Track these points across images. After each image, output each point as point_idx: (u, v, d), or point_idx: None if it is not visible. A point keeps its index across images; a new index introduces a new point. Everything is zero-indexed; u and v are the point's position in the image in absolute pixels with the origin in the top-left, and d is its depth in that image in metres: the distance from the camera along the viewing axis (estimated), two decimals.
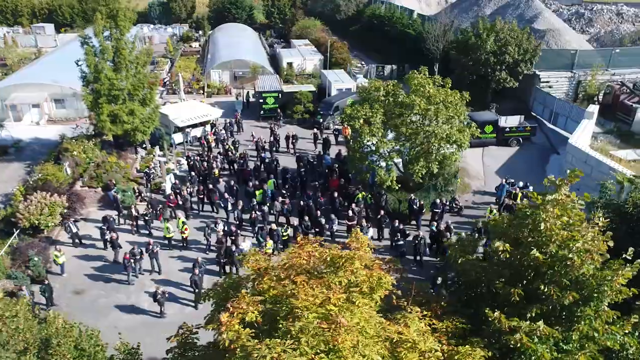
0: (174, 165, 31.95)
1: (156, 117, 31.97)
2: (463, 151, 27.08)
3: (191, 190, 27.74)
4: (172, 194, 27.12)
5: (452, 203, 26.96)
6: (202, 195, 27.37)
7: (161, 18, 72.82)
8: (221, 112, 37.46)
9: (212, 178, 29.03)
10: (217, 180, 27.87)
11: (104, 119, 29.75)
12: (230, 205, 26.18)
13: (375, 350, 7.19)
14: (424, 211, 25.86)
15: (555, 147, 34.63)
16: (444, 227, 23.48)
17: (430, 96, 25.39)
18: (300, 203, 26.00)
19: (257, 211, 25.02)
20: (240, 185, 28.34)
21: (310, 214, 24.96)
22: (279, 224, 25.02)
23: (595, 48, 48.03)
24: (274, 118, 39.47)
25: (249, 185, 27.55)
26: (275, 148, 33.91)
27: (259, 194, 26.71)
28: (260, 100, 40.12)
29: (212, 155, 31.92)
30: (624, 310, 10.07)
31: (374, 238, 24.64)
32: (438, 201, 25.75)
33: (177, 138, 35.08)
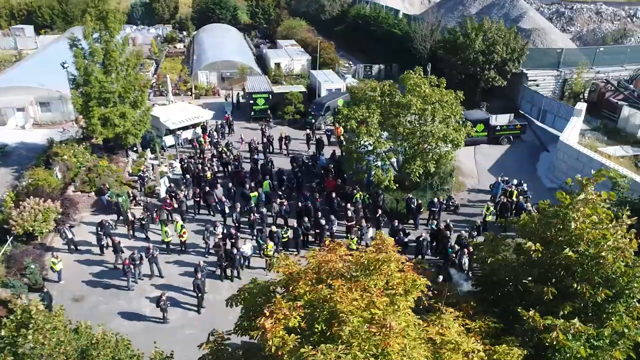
0: (167, 168, 31.59)
1: (147, 120, 31.57)
2: (456, 150, 27.38)
3: (186, 193, 27.48)
4: (168, 197, 26.79)
5: (449, 201, 27.19)
6: (199, 199, 27.11)
7: (144, 19, 71.84)
8: (212, 114, 37.14)
9: (207, 181, 28.79)
10: (215, 185, 27.60)
11: (95, 122, 29.27)
12: (227, 208, 25.99)
13: (420, 353, 7.21)
14: (422, 210, 26.03)
15: (544, 145, 35.18)
16: (444, 226, 23.67)
17: (426, 96, 25.59)
18: (299, 204, 25.93)
19: (256, 213, 24.90)
20: (236, 188, 28.13)
21: (310, 214, 24.92)
22: (278, 225, 24.92)
23: (578, 47, 48.93)
24: (264, 119, 39.31)
25: (245, 187, 27.40)
26: (268, 149, 33.78)
27: (254, 196, 26.56)
28: (251, 102, 39.90)
29: (207, 158, 31.64)
30: None
31: (373, 238, 24.63)
32: (436, 200, 25.95)
33: (168, 140, 34.69)
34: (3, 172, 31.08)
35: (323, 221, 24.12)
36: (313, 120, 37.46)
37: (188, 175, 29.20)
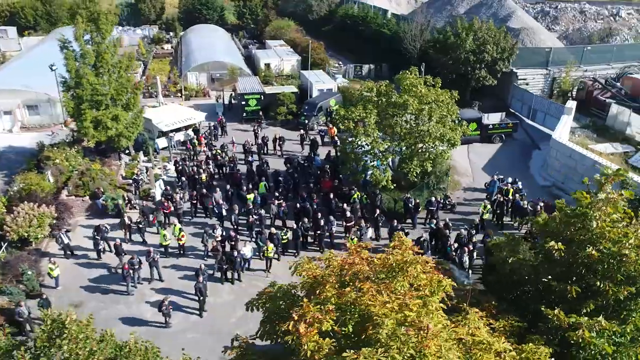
0: (161, 170, 31.28)
1: (140, 122, 31.29)
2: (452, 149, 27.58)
3: (182, 195, 27.23)
4: (165, 200, 26.53)
5: (445, 200, 27.37)
6: (195, 201, 26.88)
7: (130, 19, 71.08)
8: (204, 115, 36.87)
9: (202, 183, 28.58)
10: (214, 189, 27.39)
11: (87, 125, 28.88)
12: (224, 211, 25.81)
13: (454, 354, 7.23)
14: (420, 209, 26.16)
15: (536, 143, 35.59)
16: (443, 225, 23.81)
17: (422, 96, 25.73)
18: (297, 205, 25.87)
19: (254, 215, 24.78)
20: (233, 190, 27.97)
21: (308, 215, 24.87)
22: (277, 227, 24.84)
23: (565, 46, 49.62)
24: (256, 120, 39.14)
25: (242, 189, 27.26)
26: (263, 151, 33.66)
27: (250, 198, 26.42)
28: (243, 103, 39.70)
29: (203, 160, 31.39)
30: None
31: (372, 238, 24.76)
32: (433, 199, 26.09)
33: (161, 143, 34.35)
34: None
35: (322, 222, 24.09)
36: (306, 121, 37.39)
37: (184, 178, 28.93)
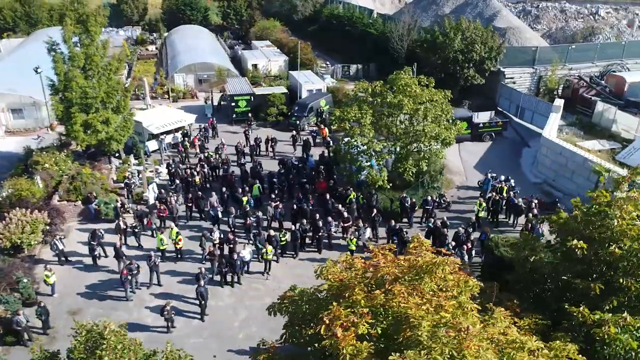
0: (152, 173, 30.90)
1: (131, 125, 30.85)
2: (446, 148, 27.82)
3: (176, 198, 26.93)
4: (159, 204, 26.21)
5: (440, 199, 27.57)
6: (190, 204, 26.62)
7: (112, 20, 69.94)
8: (195, 117, 36.54)
9: (196, 185, 28.32)
10: (209, 192, 27.15)
11: (77, 128, 28.39)
12: (220, 214, 25.62)
13: (492, 353, 7.28)
14: (416, 208, 26.31)
15: (525, 141, 36.08)
16: (440, 223, 23.98)
17: (416, 96, 25.89)
18: (293, 207, 25.79)
19: (252, 217, 24.64)
20: (228, 192, 27.76)
21: (305, 216, 24.82)
22: (274, 228, 24.74)
23: (550, 45, 50.38)
24: (246, 122, 38.89)
25: (237, 191, 27.08)
26: (255, 152, 33.50)
27: (245, 200, 26.26)
28: (232, 104, 39.44)
29: (197, 163, 31.07)
30: None
31: (370, 238, 24.81)
32: (429, 198, 26.27)
33: (151, 145, 33.93)
34: None
35: (320, 223, 24.07)
36: (297, 122, 37.31)
37: (177, 181, 28.62)
